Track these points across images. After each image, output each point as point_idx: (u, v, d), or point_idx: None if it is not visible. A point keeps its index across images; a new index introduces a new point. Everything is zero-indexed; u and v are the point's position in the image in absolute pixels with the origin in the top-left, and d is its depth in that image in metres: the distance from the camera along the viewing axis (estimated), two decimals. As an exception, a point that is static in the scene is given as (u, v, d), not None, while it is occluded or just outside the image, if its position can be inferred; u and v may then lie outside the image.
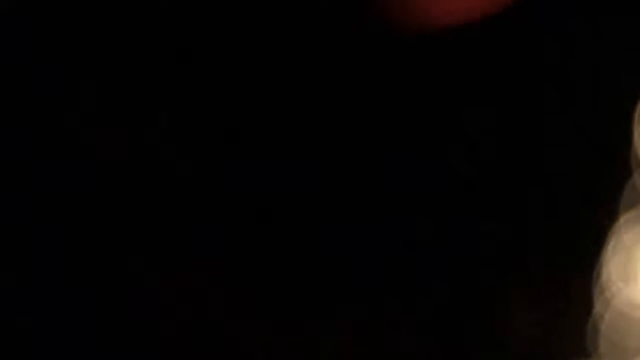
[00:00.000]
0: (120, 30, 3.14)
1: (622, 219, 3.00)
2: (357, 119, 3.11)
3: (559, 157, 3.12)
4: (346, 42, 3.12)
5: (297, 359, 3.02)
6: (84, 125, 3.28)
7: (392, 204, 3.06)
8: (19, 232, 3.08)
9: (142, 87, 3.24)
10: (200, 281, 3.02)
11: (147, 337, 3.02)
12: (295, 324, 3.03)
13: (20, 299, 3.05)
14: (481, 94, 3.18)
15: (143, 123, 3.29)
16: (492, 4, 3.05)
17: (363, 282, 3.00)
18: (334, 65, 3.12)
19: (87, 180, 3.27)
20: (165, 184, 3.15)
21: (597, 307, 2.98)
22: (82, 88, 3.19)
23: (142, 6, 3.13)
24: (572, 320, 3.01)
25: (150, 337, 3.02)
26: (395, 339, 3.00)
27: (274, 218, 3.06)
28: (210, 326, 2.99)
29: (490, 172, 3.11)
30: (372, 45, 3.13)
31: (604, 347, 2.96)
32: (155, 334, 3.01)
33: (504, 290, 3.06)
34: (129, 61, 3.17)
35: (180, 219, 3.08)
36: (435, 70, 3.17)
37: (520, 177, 3.11)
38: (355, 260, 3.03)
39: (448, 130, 3.11)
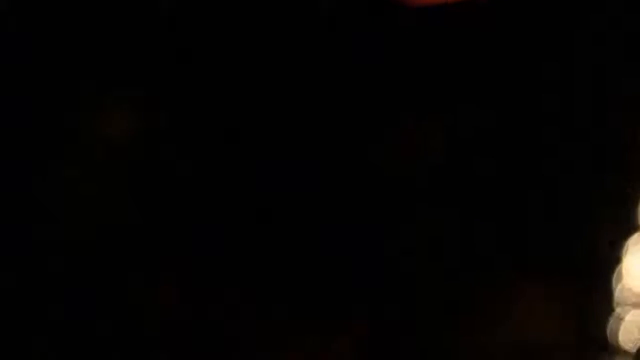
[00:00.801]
0: (121, 30, 3.14)
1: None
2: (355, 120, 3.10)
3: (580, 168, 3.12)
4: (345, 41, 3.11)
5: (295, 357, 3.01)
6: (83, 126, 3.28)
7: (390, 206, 3.05)
8: (18, 231, 3.09)
9: (142, 88, 3.25)
10: (200, 281, 3.02)
11: (147, 337, 3.02)
12: (294, 323, 3.03)
13: (20, 299, 3.05)
14: (487, 94, 3.17)
15: (143, 123, 3.29)
16: None
17: (362, 282, 3.00)
18: (332, 65, 3.12)
19: (87, 179, 3.27)
20: (165, 184, 3.15)
21: (617, 310, 2.98)
22: (82, 88, 3.19)
23: (142, 6, 3.13)
24: (592, 321, 3.02)
25: (150, 336, 3.01)
26: (394, 340, 3.00)
27: (274, 218, 3.05)
28: (210, 326, 2.99)
29: (501, 178, 3.11)
30: (372, 47, 3.13)
31: (623, 346, 2.97)
32: (155, 333, 3.01)
33: (520, 289, 3.06)
34: (129, 61, 3.17)
35: (180, 218, 3.08)
36: (435, 70, 3.17)
37: (538, 184, 3.11)
38: (355, 261, 3.02)
39: (449, 131, 3.11)
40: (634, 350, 2.93)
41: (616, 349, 2.95)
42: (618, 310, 2.97)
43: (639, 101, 3.07)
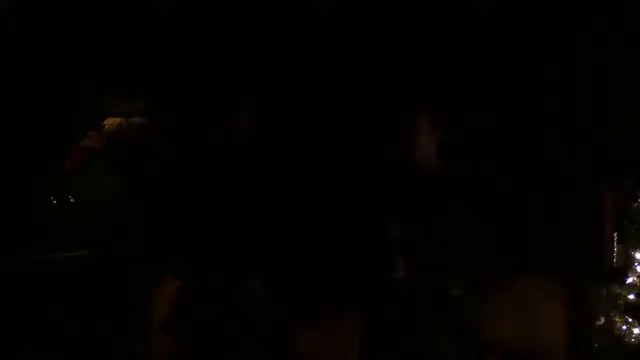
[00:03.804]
0: (121, 30, 3.13)
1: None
2: (354, 121, 3.10)
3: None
4: (346, 41, 3.11)
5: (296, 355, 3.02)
6: (84, 126, 3.28)
7: (391, 206, 3.05)
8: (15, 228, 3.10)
9: (143, 88, 3.25)
10: (199, 280, 3.02)
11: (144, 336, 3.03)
12: (294, 321, 3.03)
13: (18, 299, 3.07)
14: (489, 96, 3.18)
15: (144, 124, 3.29)
16: None
17: (362, 282, 2.99)
18: (333, 67, 3.11)
19: (88, 179, 3.27)
20: (164, 182, 3.15)
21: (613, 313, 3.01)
22: (82, 88, 3.19)
23: (142, 6, 3.12)
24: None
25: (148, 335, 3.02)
26: (393, 340, 3.00)
27: (274, 218, 3.05)
28: (207, 324, 2.99)
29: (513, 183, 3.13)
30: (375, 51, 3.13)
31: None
32: (151, 333, 3.01)
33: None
34: (129, 62, 3.17)
35: (180, 218, 3.08)
36: (437, 72, 3.17)
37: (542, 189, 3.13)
38: (356, 260, 3.01)
39: (449, 132, 3.10)
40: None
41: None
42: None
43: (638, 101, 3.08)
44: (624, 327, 3.05)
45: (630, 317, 3.05)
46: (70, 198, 3.25)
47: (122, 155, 3.25)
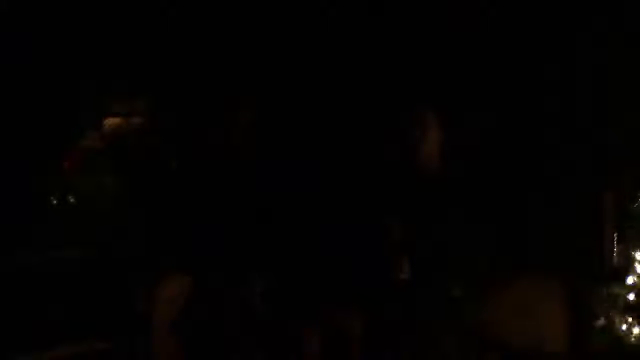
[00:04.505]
0: (121, 31, 3.14)
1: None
2: (357, 123, 3.10)
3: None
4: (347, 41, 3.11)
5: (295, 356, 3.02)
6: (84, 126, 3.28)
7: (392, 207, 3.05)
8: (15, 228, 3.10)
9: (143, 88, 3.24)
10: (199, 280, 3.02)
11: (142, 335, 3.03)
12: (293, 321, 3.03)
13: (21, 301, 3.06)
14: (487, 97, 3.17)
15: (144, 124, 3.29)
16: None
17: (362, 281, 2.99)
18: (333, 68, 3.11)
19: (87, 179, 3.27)
20: (164, 183, 3.14)
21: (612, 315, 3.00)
22: (82, 88, 3.19)
23: (142, 7, 3.12)
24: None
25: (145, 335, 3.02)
26: (393, 340, 3.00)
27: (274, 218, 3.05)
28: (207, 324, 2.99)
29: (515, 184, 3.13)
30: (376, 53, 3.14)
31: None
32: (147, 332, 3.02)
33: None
34: (129, 62, 3.17)
35: (180, 218, 3.08)
36: (436, 72, 3.17)
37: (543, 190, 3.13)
38: (356, 260, 3.01)
39: (448, 132, 3.10)
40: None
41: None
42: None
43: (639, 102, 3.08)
44: (624, 327, 3.05)
45: (630, 317, 3.04)
46: (70, 198, 3.25)
47: (122, 155, 3.25)
